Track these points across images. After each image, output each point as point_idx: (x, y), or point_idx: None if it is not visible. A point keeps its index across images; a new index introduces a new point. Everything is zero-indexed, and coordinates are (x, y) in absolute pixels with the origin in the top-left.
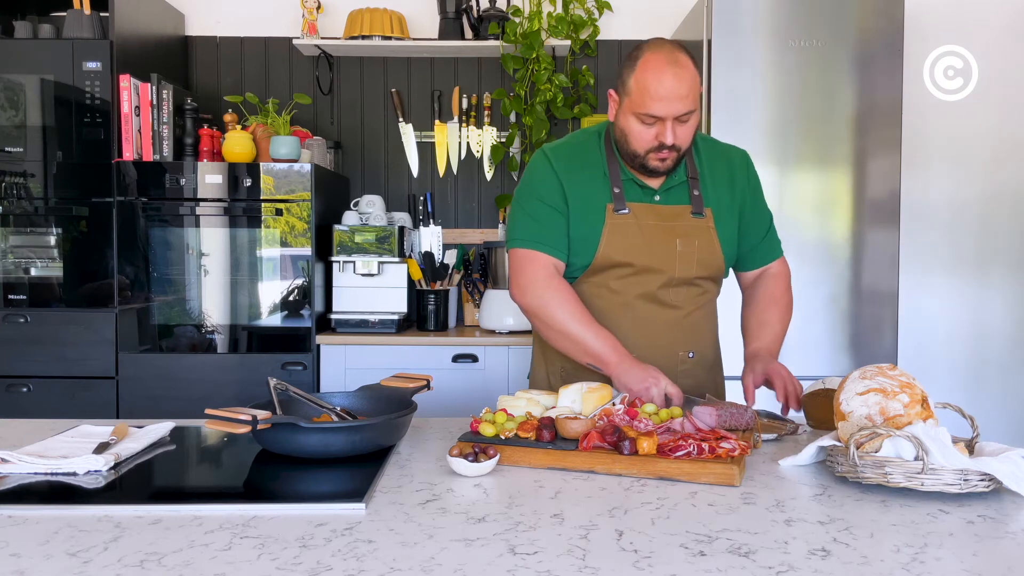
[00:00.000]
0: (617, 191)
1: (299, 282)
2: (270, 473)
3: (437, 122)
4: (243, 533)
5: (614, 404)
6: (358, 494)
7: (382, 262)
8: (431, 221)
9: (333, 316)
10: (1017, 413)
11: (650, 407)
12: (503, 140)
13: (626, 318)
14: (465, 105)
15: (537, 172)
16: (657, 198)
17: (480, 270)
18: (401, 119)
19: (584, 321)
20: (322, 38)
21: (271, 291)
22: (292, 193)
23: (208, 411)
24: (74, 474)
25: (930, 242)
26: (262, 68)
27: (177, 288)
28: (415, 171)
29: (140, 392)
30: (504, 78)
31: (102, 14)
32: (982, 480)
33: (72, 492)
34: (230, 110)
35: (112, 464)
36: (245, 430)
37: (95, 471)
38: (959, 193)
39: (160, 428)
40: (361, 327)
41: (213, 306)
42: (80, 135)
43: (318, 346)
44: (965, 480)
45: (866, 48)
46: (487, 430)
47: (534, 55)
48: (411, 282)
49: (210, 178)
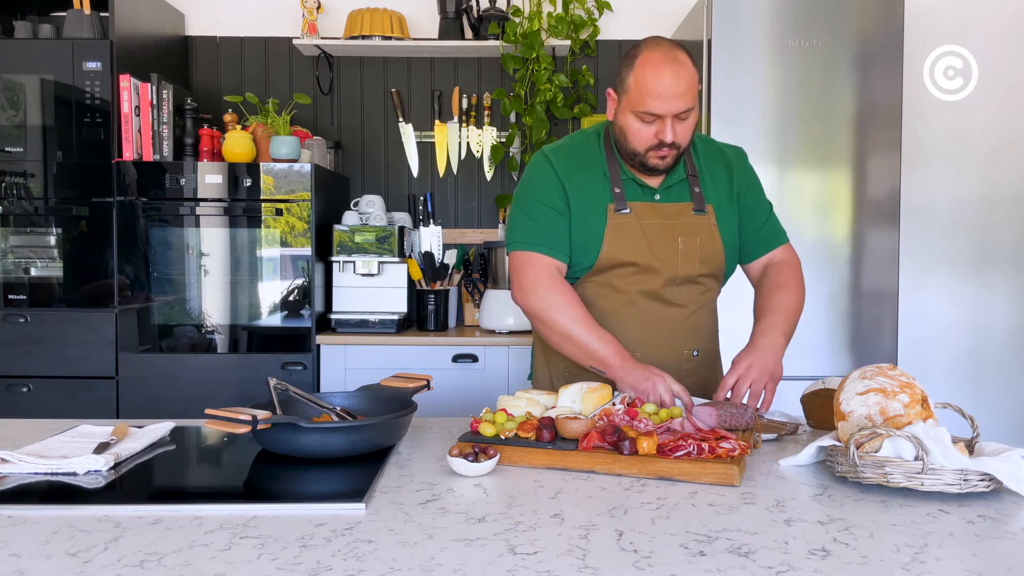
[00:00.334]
0: (618, 191)
1: (299, 282)
2: (270, 473)
3: (437, 122)
4: (243, 533)
5: (614, 404)
6: (358, 494)
7: (382, 262)
8: (431, 221)
9: (333, 316)
10: (1017, 413)
11: (650, 407)
12: (503, 140)
13: (630, 317)
14: (465, 105)
15: (537, 174)
16: (657, 197)
17: (480, 270)
18: (401, 119)
19: (586, 324)
20: (322, 38)
21: (271, 291)
22: (292, 193)
23: (208, 411)
24: (74, 474)
25: (930, 242)
26: (262, 68)
27: (177, 288)
28: (415, 171)
29: (140, 392)
30: (504, 78)
31: (102, 14)
32: (982, 480)
33: (72, 492)
34: (230, 110)
35: (112, 464)
36: (245, 430)
37: (95, 471)
38: (959, 193)
39: (160, 428)
40: (361, 327)
41: (213, 306)
42: (80, 135)
43: (318, 346)
44: (965, 480)
45: (866, 48)
46: (487, 430)
47: (534, 55)
48: (411, 282)
49: (210, 178)
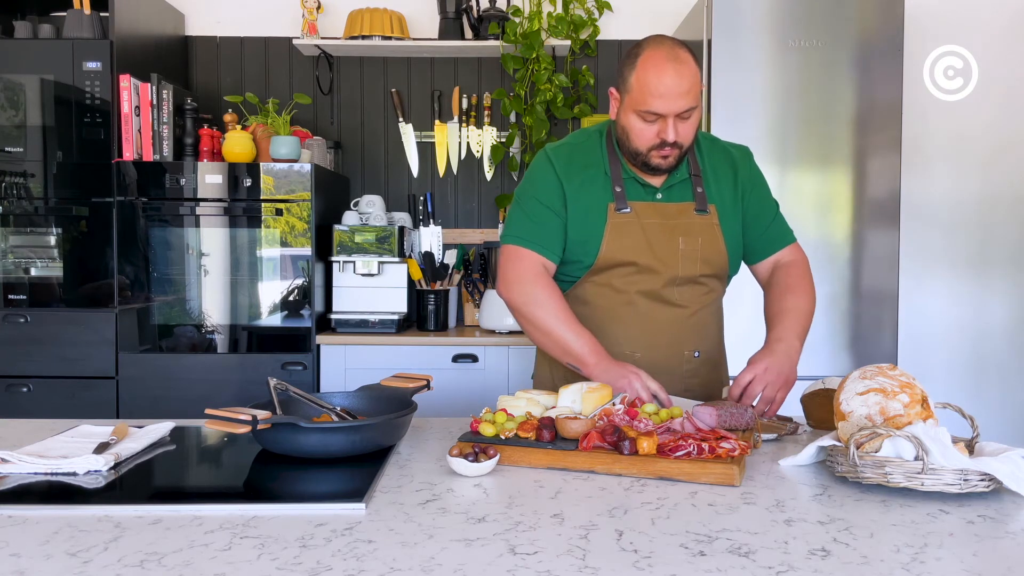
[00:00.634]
0: (619, 190)
1: (299, 282)
2: (270, 473)
3: (437, 122)
4: (243, 533)
5: (614, 404)
6: (358, 494)
7: (382, 262)
8: (431, 221)
9: (333, 316)
10: (1017, 413)
11: (650, 407)
12: (503, 140)
13: (630, 317)
14: (465, 105)
15: (537, 172)
16: (659, 196)
17: (480, 270)
18: (401, 119)
19: (566, 321)
20: (322, 38)
21: (271, 291)
22: (292, 193)
23: (208, 411)
24: (74, 474)
25: (930, 242)
26: (262, 68)
27: (177, 288)
28: (415, 171)
29: (140, 392)
30: (504, 78)
31: (102, 14)
32: (982, 480)
33: (72, 492)
34: (230, 110)
35: (112, 464)
36: (245, 430)
37: (95, 471)
38: (959, 193)
39: (160, 428)
40: (361, 327)
41: (213, 306)
42: (80, 135)
43: (318, 346)
44: (965, 480)
45: (866, 48)
46: (487, 430)
47: (534, 55)
48: (411, 282)
49: (210, 178)
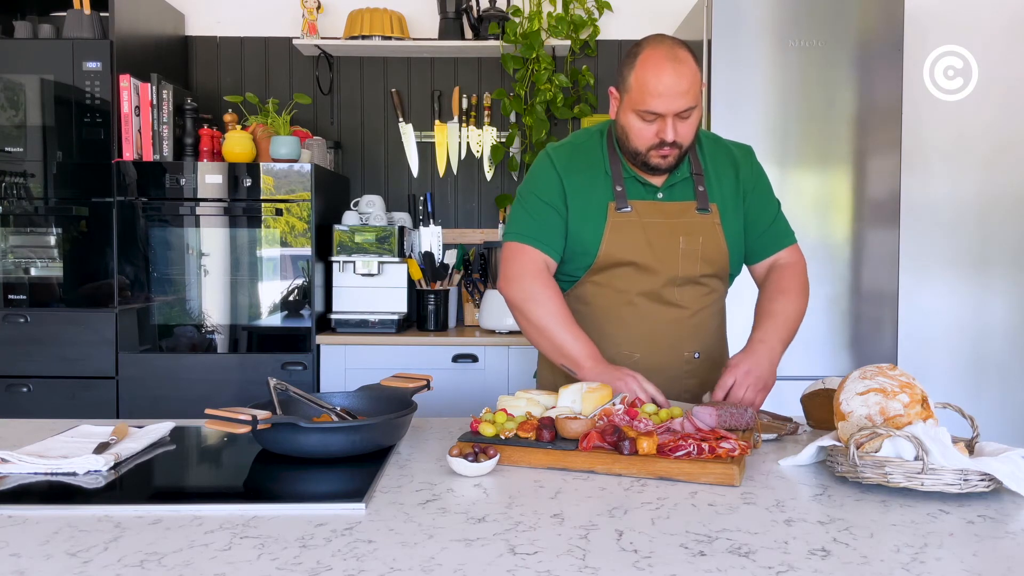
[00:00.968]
0: (619, 189)
1: (299, 282)
2: (270, 473)
3: (437, 122)
4: (243, 533)
5: (614, 404)
6: (358, 494)
7: (382, 262)
8: (431, 221)
9: (333, 316)
10: (1017, 413)
11: (650, 407)
12: (503, 140)
13: (630, 318)
14: (465, 105)
15: (539, 171)
16: (660, 195)
17: (480, 270)
18: (401, 119)
19: (563, 322)
20: (322, 38)
21: (271, 291)
22: (292, 193)
23: (208, 411)
24: (74, 474)
25: (930, 242)
26: (262, 68)
27: (177, 288)
28: (415, 171)
29: (140, 392)
30: (504, 78)
31: (102, 14)
32: (982, 480)
33: (72, 492)
34: (230, 110)
35: (112, 464)
36: (245, 430)
37: (95, 471)
38: (959, 193)
39: (160, 428)
40: (361, 327)
41: (213, 306)
42: (80, 135)
43: (318, 346)
44: (965, 480)
45: (866, 48)
46: (487, 430)
47: (534, 55)
48: (411, 282)
49: (210, 178)
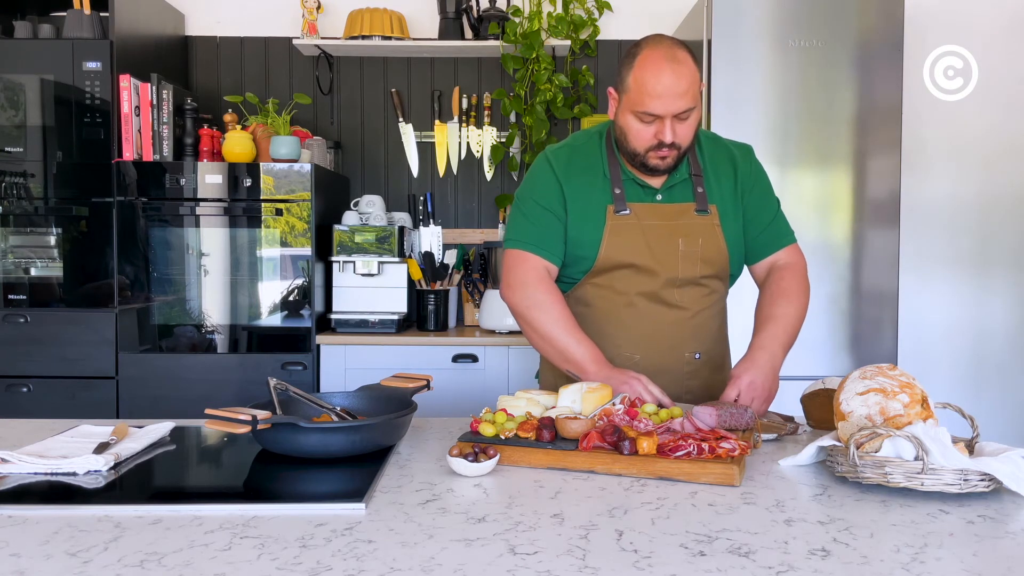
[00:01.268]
0: (618, 192)
1: (299, 282)
2: (270, 473)
3: (437, 122)
4: (243, 533)
5: (614, 404)
6: (358, 494)
7: (382, 262)
8: (431, 221)
9: (333, 316)
10: (1017, 413)
11: (650, 407)
12: (503, 140)
13: (630, 319)
14: (465, 105)
15: (537, 175)
16: (659, 197)
17: (480, 270)
18: (401, 119)
19: (567, 327)
20: (322, 38)
21: (271, 291)
22: (292, 193)
23: (208, 411)
24: (74, 474)
25: (930, 242)
26: (262, 68)
27: (177, 288)
28: (415, 171)
29: (140, 392)
30: (504, 78)
31: (102, 14)
32: (982, 480)
33: (72, 492)
34: (230, 110)
35: (112, 464)
36: (245, 430)
37: (95, 471)
38: (959, 193)
39: (160, 428)
40: (361, 327)
41: (213, 306)
42: (80, 135)
43: (318, 346)
44: (965, 480)
45: (866, 48)
46: (487, 430)
47: (534, 55)
48: (411, 282)
49: (210, 178)
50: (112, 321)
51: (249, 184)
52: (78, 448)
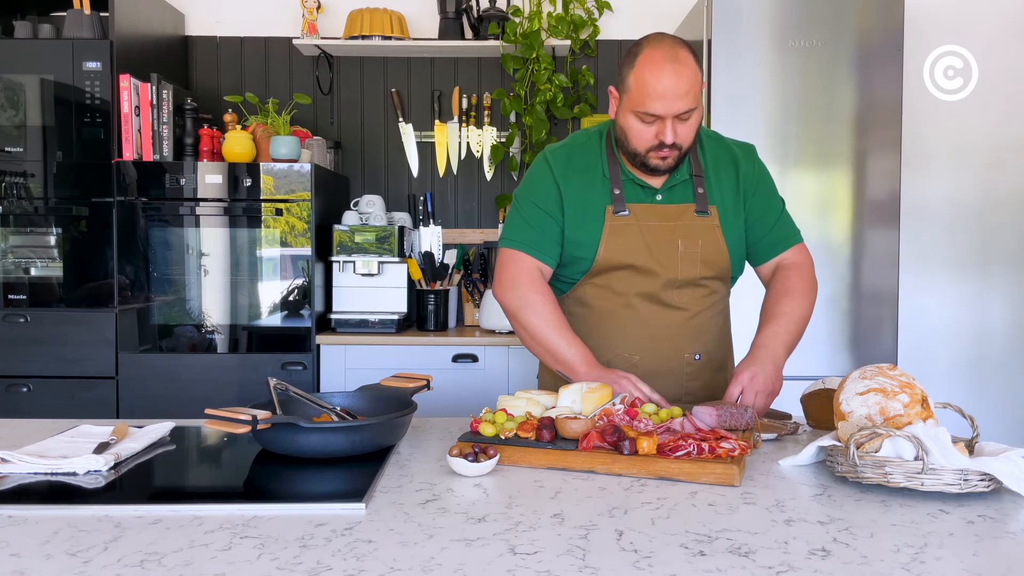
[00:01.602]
0: (617, 192)
1: (299, 282)
2: (270, 473)
3: (437, 122)
4: (243, 533)
5: (614, 404)
6: (358, 494)
7: (382, 262)
8: (431, 221)
9: (333, 316)
10: (1017, 413)
11: (650, 407)
12: (503, 140)
13: (629, 320)
14: (465, 105)
15: (535, 176)
16: (659, 197)
17: (480, 270)
18: (401, 119)
19: (558, 328)
20: (322, 38)
21: (271, 291)
22: (292, 193)
23: (208, 411)
24: (74, 474)
25: (930, 242)
26: (262, 68)
27: (177, 288)
28: (415, 171)
29: (140, 392)
30: (504, 78)
31: (102, 14)
32: (982, 480)
33: (72, 492)
34: (230, 110)
35: (112, 464)
36: (245, 430)
37: (95, 471)
38: (959, 193)
39: (160, 428)
40: (361, 327)
41: (213, 306)
42: (80, 135)
43: (318, 346)
44: (965, 480)
45: (866, 48)
46: (487, 430)
47: (534, 55)
48: (411, 282)
49: (210, 178)
50: (112, 321)
51: (249, 184)
52: (78, 448)
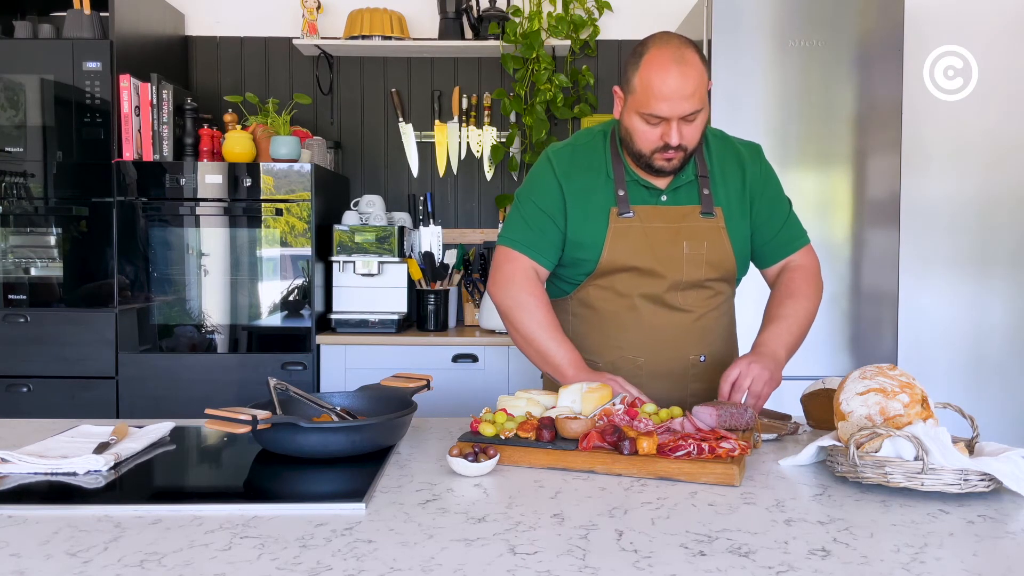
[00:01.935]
0: (622, 194)
1: (299, 282)
2: (270, 473)
3: (437, 122)
4: (243, 533)
5: (614, 404)
6: (358, 494)
7: (382, 262)
8: (431, 221)
9: (333, 316)
10: (1017, 413)
11: (650, 407)
12: (503, 140)
13: (633, 322)
14: (465, 105)
15: (538, 175)
16: (664, 198)
17: (480, 270)
18: (401, 119)
19: (549, 330)
20: (322, 38)
21: (271, 291)
22: (292, 193)
23: (208, 411)
24: (74, 474)
25: (930, 242)
26: (262, 68)
27: (177, 288)
28: (415, 171)
29: (140, 392)
30: (504, 78)
31: (102, 14)
32: (982, 480)
33: (72, 492)
34: (230, 110)
35: (112, 464)
36: (245, 430)
37: (95, 471)
38: (959, 193)
39: (160, 428)
40: (361, 327)
41: (213, 306)
42: (80, 135)
43: (318, 346)
44: (965, 480)
45: (866, 48)
46: (487, 430)
47: (534, 55)
48: (411, 282)
49: (210, 178)
50: (112, 321)
51: (249, 184)
52: (78, 448)
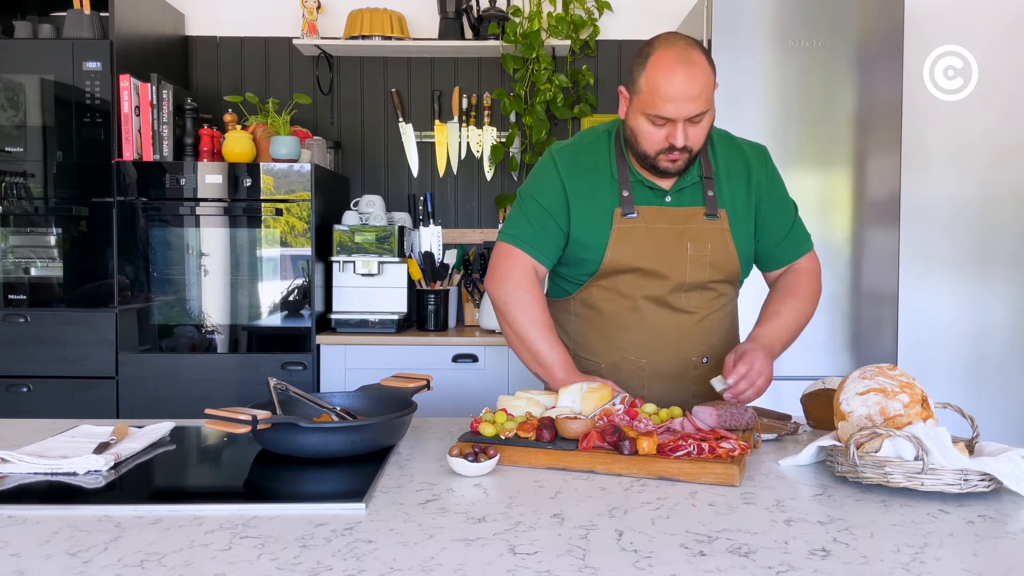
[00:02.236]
0: (626, 194)
1: (299, 282)
2: (270, 473)
3: (437, 122)
4: (243, 533)
5: (614, 404)
6: (358, 494)
7: (382, 262)
8: (431, 221)
9: (333, 316)
10: (1017, 413)
11: (650, 407)
12: (503, 140)
13: (635, 323)
14: (465, 105)
15: (541, 173)
16: (668, 199)
17: (480, 270)
18: (401, 119)
19: (542, 330)
20: (322, 38)
21: (271, 291)
22: (292, 193)
23: (208, 411)
24: (74, 474)
25: (930, 242)
26: (262, 68)
27: (177, 288)
28: (415, 171)
29: (140, 392)
30: (504, 78)
31: (102, 14)
32: (982, 480)
33: (72, 492)
34: (230, 110)
35: (112, 464)
36: (245, 430)
37: (95, 471)
38: (959, 193)
39: (160, 428)
40: (361, 327)
41: (213, 306)
42: (80, 135)
43: (318, 346)
44: (965, 480)
45: (866, 48)
46: (487, 430)
47: (534, 55)
48: (411, 282)
49: (210, 178)
50: (112, 321)
51: (249, 184)
52: (78, 448)
